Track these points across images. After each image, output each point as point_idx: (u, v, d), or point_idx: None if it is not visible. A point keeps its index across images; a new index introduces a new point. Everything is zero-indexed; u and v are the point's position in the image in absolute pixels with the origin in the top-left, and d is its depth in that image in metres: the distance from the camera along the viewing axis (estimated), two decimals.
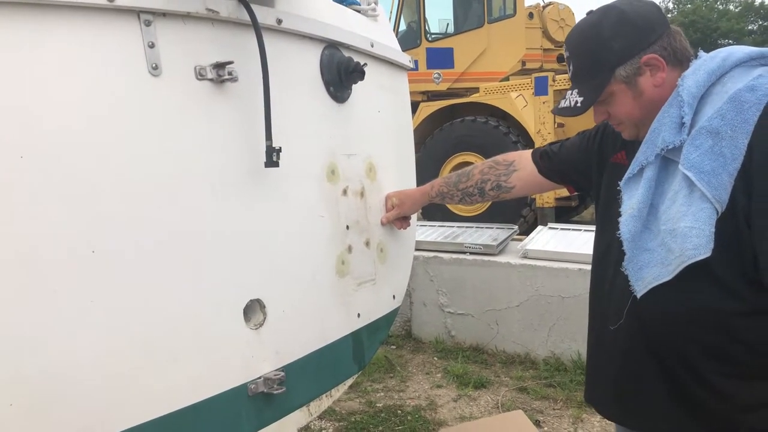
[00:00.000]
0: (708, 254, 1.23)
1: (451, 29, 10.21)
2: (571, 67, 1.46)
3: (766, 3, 42.53)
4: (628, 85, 1.38)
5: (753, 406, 1.32)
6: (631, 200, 1.38)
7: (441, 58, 9.62)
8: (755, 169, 1.22)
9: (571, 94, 1.45)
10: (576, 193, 7.69)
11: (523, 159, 1.89)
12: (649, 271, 1.34)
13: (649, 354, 1.41)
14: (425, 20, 9.74)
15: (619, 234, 1.38)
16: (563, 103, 1.47)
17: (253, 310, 1.58)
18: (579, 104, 1.42)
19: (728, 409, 1.33)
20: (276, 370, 1.61)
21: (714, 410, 1.35)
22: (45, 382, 1.19)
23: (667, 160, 1.34)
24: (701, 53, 1.38)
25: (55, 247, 1.19)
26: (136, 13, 1.30)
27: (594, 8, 1.46)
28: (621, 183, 1.43)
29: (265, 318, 1.59)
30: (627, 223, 1.37)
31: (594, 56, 1.40)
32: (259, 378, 1.57)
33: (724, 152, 1.23)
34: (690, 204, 1.26)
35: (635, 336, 1.42)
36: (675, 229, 1.27)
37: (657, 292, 1.33)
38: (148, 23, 1.31)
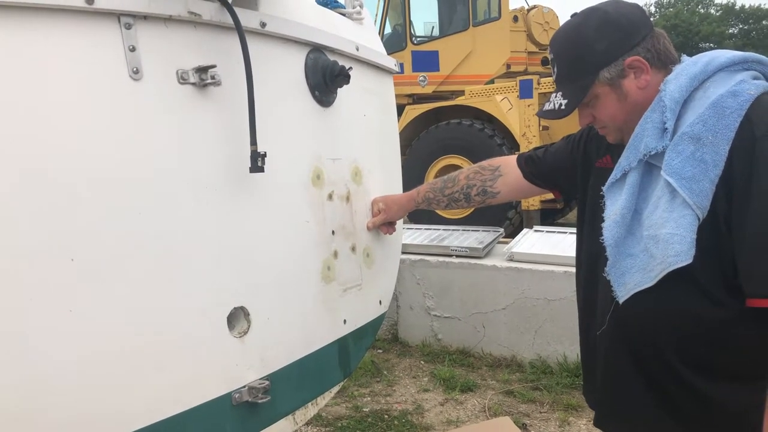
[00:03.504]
0: (689, 261, 1.23)
1: (436, 32, 10.22)
2: (555, 70, 1.46)
3: (746, 7, 43.15)
4: (612, 87, 1.37)
5: (736, 411, 1.32)
6: (615, 206, 1.38)
7: (426, 61, 9.62)
8: (736, 178, 1.22)
9: (556, 96, 1.44)
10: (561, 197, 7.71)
11: (508, 164, 1.89)
12: (631, 277, 1.34)
13: (631, 359, 1.41)
14: (410, 23, 9.74)
15: (602, 239, 1.38)
16: (548, 106, 1.46)
17: (237, 317, 1.55)
18: (563, 107, 1.41)
19: (712, 414, 1.34)
20: (261, 378, 1.58)
21: (698, 416, 1.35)
22: (20, 393, 1.16)
23: (651, 165, 1.34)
24: (684, 57, 1.38)
25: (33, 254, 1.16)
26: (116, 15, 1.27)
27: (578, 10, 1.45)
28: (604, 188, 1.42)
29: (249, 326, 1.57)
30: (610, 229, 1.37)
31: (578, 58, 1.39)
32: (244, 387, 1.54)
33: (705, 158, 1.23)
34: (672, 210, 1.26)
35: (618, 341, 1.43)
36: (657, 235, 1.27)
37: (638, 297, 1.33)
38: (128, 26, 1.29)
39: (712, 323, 1.29)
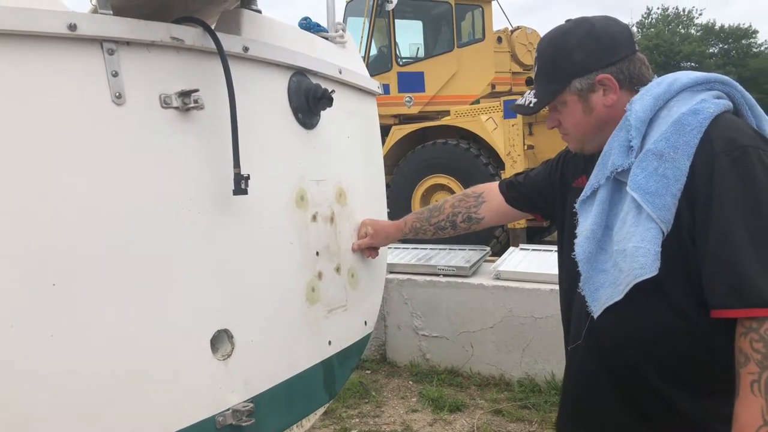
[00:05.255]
0: (654, 273, 1.26)
1: (421, 53, 10.34)
2: (535, 68, 1.52)
3: (726, 26, 44.02)
4: (581, 98, 1.42)
5: (710, 423, 1.33)
6: (586, 222, 1.42)
7: (412, 82, 9.72)
8: (697, 192, 1.26)
9: (529, 94, 1.51)
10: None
11: (491, 190, 1.94)
12: (603, 292, 1.37)
13: (607, 374, 1.43)
14: (396, 45, 9.84)
15: (574, 255, 1.41)
16: (519, 101, 1.53)
17: (221, 340, 1.55)
18: (531, 105, 1.49)
19: (687, 426, 1.35)
20: (245, 401, 1.58)
21: (673, 428, 1.36)
22: (1, 419, 1.15)
23: (619, 182, 1.38)
24: (654, 78, 1.42)
25: (14, 280, 1.16)
26: (99, 41, 1.29)
27: (572, 17, 1.51)
28: (576, 205, 1.46)
29: (233, 348, 1.57)
30: (581, 245, 1.41)
31: (556, 63, 1.45)
32: (228, 410, 1.53)
33: (667, 174, 1.27)
34: (638, 224, 1.29)
35: (593, 356, 1.45)
36: (625, 249, 1.31)
37: (612, 312, 1.36)
38: (111, 52, 1.30)
39: (682, 336, 1.31)
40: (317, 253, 1.89)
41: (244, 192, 1.51)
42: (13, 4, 1.15)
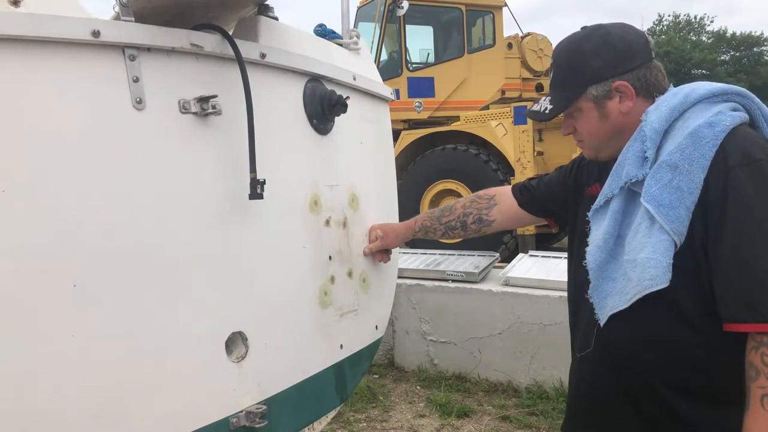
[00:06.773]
0: (665, 285, 1.27)
1: (431, 59, 10.37)
2: (551, 74, 1.53)
3: (737, 34, 43.81)
4: (597, 105, 1.43)
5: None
6: (598, 231, 1.42)
7: (422, 87, 9.74)
8: (711, 205, 1.27)
9: (545, 100, 1.51)
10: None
11: (503, 193, 1.94)
12: (611, 300, 1.38)
13: (614, 381, 1.44)
14: (406, 50, 9.88)
15: (585, 263, 1.42)
16: (535, 107, 1.53)
17: (235, 342, 1.57)
18: (547, 111, 1.49)
19: None
20: (258, 403, 1.59)
21: None
22: (21, 418, 1.17)
23: (633, 193, 1.38)
24: (669, 87, 1.43)
25: (36, 281, 1.18)
26: (121, 48, 1.31)
27: (587, 25, 1.51)
28: (589, 214, 1.47)
29: (247, 350, 1.58)
30: (593, 253, 1.41)
31: (572, 69, 1.46)
32: (241, 412, 1.55)
33: (681, 186, 1.28)
34: (650, 235, 1.30)
35: (601, 364, 1.46)
36: (636, 259, 1.32)
37: (620, 320, 1.36)
38: (132, 58, 1.33)
39: (691, 347, 1.32)
40: (330, 258, 1.91)
41: (260, 197, 1.53)
42: (40, 11, 1.18)
